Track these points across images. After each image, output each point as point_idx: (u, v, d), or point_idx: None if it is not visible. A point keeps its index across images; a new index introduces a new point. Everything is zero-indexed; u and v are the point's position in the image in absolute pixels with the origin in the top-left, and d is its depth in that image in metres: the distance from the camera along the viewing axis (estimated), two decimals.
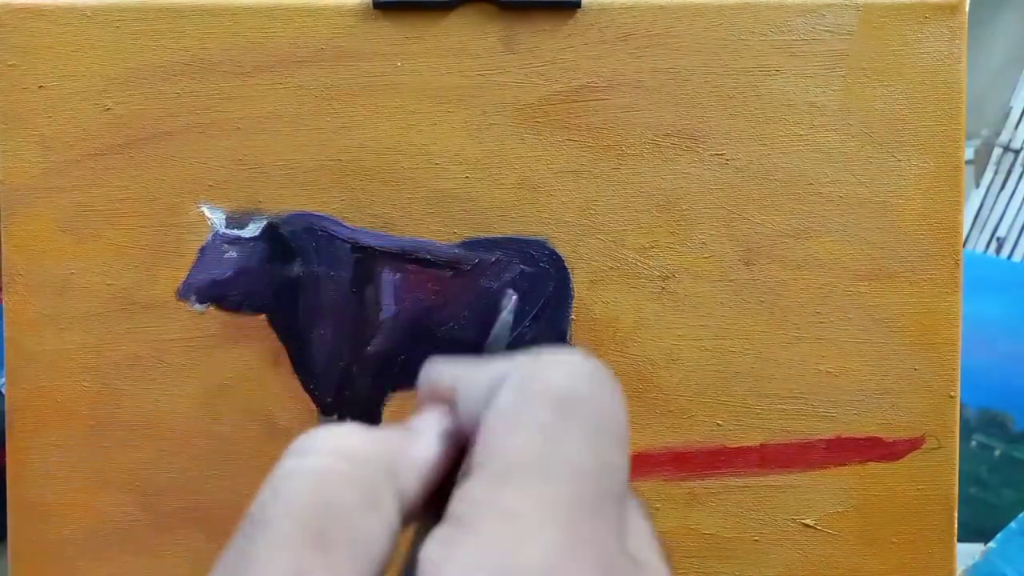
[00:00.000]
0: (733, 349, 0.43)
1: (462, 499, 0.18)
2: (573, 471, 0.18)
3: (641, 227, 0.42)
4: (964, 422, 0.64)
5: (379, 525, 0.18)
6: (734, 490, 0.43)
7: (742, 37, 0.42)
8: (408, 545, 0.19)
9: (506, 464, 0.18)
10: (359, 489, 0.18)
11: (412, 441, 0.20)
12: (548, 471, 0.17)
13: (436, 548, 0.17)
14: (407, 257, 0.43)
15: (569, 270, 0.43)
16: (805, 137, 0.42)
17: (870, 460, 0.43)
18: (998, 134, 0.69)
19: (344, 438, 0.19)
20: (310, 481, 0.18)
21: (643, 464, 0.43)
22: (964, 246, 0.47)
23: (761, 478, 0.43)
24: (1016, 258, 0.69)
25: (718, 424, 0.43)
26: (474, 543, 0.17)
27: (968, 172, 0.69)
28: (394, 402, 0.43)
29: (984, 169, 0.70)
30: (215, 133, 0.42)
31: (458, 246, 0.43)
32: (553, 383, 0.19)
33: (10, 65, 0.42)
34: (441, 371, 0.22)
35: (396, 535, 0.19)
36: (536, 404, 0.18)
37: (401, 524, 0.19)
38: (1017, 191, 0.69)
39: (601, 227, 0.42)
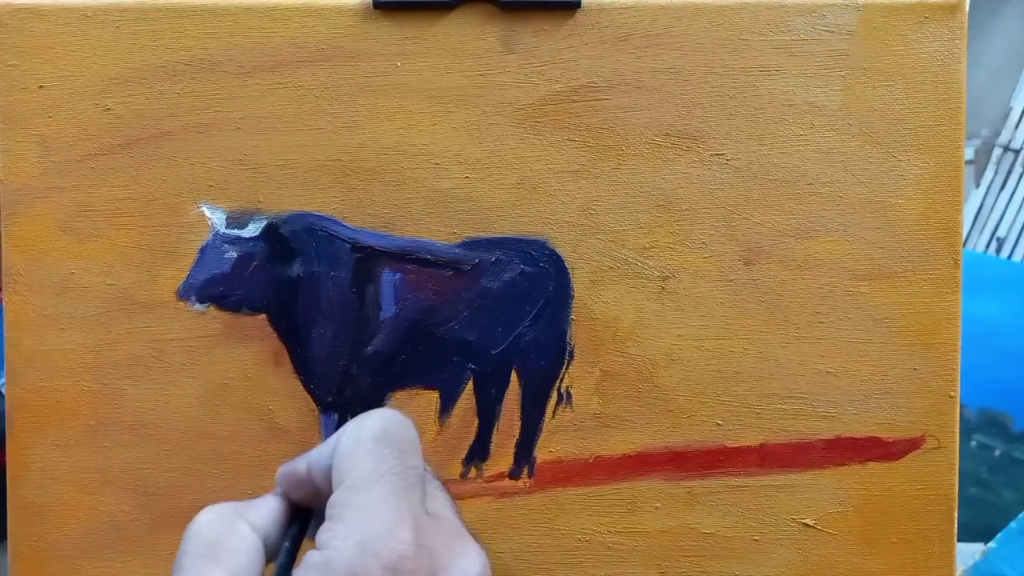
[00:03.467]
0: (733, 349, 0.43)
1: (332, 505, 0.29)
2: (389, 472, 0.29)
3: (641, 227, 0.42)
4: (964, 422, 0.64)
5: (239, 540, 0.29)
6: (734, 490, 0.43)
7: (742, 37, 0.42)
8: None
9: (353, 478, 0.29)
10: (221, 525, 0.30)
11: (253, 500, 0.32)
12: (377, 475, 0.29)
13: (322, 535, 0.28)
14: (407, 257, 0.43)
15: (569, 270, 0.43)
16: (805, 137, 0.42)
17: (870, 460, 0.43)
18: (998, 134, 0.69)
19: (206, 512, 0.30)
20: (192, 533, 0.29)
21: (643, 463, 0.43)
22: (964, 246, 0.47)
23: (761, 478, 0.43)
24: (1016, 258, 0.69)
25: (718, 424, 0.43)
26: (343, 526, 0.28)
27: (968, 172, 0.69)
28: (394, 402, 0.43)
29: (984, 169, 0.70)
30: (215, 133, 0.42)
31: (458, 246, 0.43)
32: (371, 426, 0.30)
33: (10, 65, 0.42)
34: (293, 465, 0.32)
35: (257, 545, 0.29)
36: (363, 440, 0.30)
37: (260, 538, 0.30)
38: (1017, 191, 0.69)
39: (601, 227, 0.42)
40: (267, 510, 0.31)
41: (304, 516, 0.32)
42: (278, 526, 0.31)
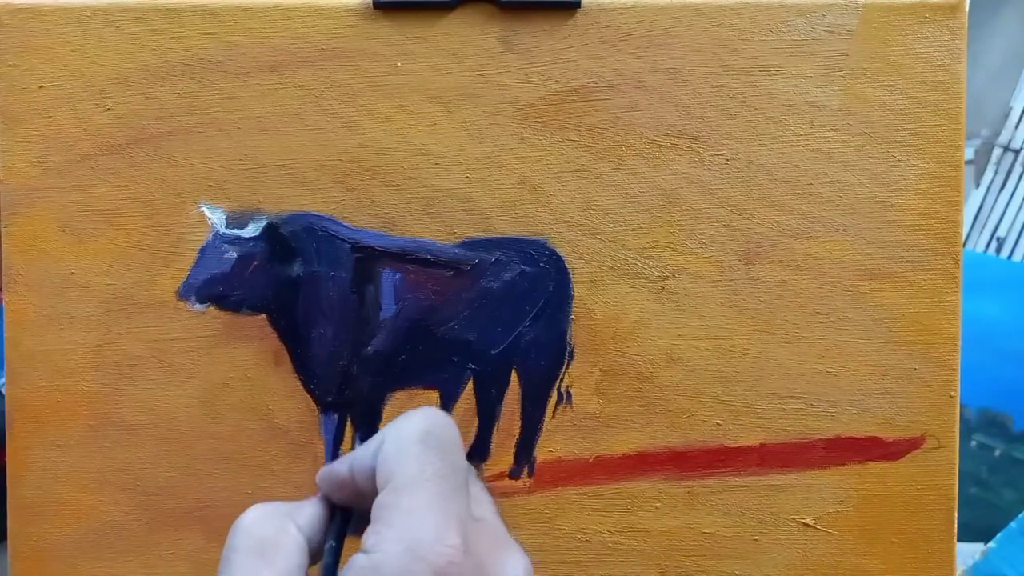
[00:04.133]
0: (733, 349, 0.43)
1: (378, 507, 0.28)
2: (436, 474, 0.28)
3: (641, 227, 0.42)
4: (964, 422, 0.64)
5: (288, 540, 0.29)
6: (734, 489, 0.43)
7: (742, 37, 0.42)
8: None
9: (399, 480, 0.28)
10: (270, 524, 0.30)
11: (299, 502, 0.31)
12: (423, 478, 0.28)
13: (368, 538, 0.28)
14: (407, 257, 0.43)
15: (569, 270, 0.43)
16: (805, 137, 0.42)
17: (870, 460, 0.43)
18: (998, 134, 0.69)
19: (254, 510, 0.30)
20: (241, 529, 0.29)
21: (643, 463, 0.43)
22: (964, 246, 0.47)
23: (761, 478, 0.43)
24: (1016, 258, 0.69)
25: (718, 424, 0.43)
26: (390, 530, 0.27)
27: (968, 172, 0.69)
28: (394, 402, 0.43)
29: (984, 169, 0.70)
30: (215, 133, 0.42)
31: (458, 246, 0.43)
32: (415, 427, 0.30)
33: (10, 65, 0.42)
34: (334, 467, 0.32)
35: (304, 547, 0.29)
36: (408, 441, 0.29)
37: (306, 541, 0.30)
38: (1017, 191, 0.69)
39: (601, 227, 0.42)
40: (312, 513, 0.31)
41: (345, 514, 0.32)
42: (322, 530, 0.31)
